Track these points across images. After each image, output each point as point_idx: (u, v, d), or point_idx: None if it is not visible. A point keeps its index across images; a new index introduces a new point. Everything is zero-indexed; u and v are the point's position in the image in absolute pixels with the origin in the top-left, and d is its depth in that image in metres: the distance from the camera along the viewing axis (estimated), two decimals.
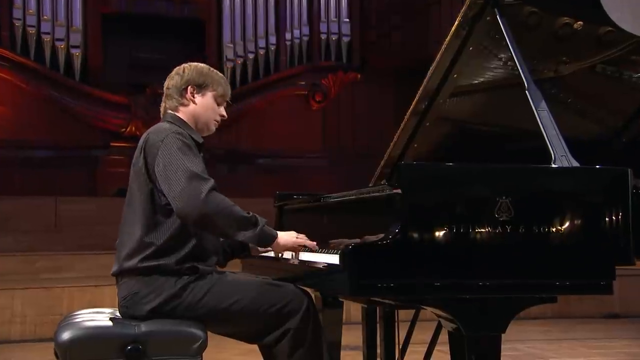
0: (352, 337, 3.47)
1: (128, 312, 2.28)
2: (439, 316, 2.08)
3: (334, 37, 10.24)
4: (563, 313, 6.62)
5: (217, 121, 2.52)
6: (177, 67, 2.52)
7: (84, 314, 2.38)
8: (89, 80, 9.46)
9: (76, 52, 9.33)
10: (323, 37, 10.23)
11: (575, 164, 2.15)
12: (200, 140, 2.43)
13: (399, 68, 9.95)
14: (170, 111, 2.47)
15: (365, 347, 3.13)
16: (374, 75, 10.27)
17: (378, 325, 3.06)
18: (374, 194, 2.24)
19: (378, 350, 3.10)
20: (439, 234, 1.94)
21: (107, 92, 9.43)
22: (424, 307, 2.04)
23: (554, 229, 2.00)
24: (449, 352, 2.20)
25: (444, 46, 2.60)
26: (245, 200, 8.41)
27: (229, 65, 9.78)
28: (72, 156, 9.07)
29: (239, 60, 9.88)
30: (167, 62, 10.63)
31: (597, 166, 2.12)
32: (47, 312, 5.78)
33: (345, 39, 10.28)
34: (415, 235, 1.93)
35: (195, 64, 2.52)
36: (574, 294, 2.07)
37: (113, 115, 9.41)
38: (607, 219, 2.06)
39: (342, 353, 3.08)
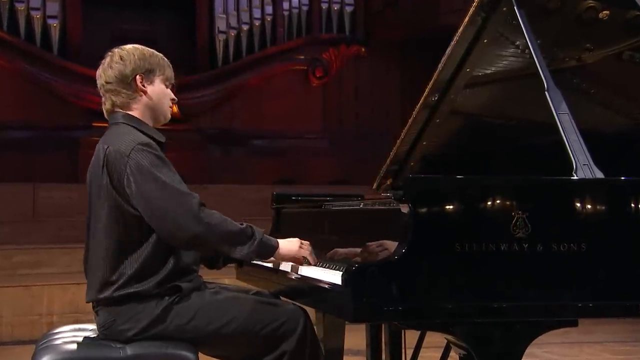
0: (355, 338, 3.47)
1: (108, 337, 2.28)
2: (449, 341, 2.09)
3: (336, 7, 10.14)
4: None
5: (171, 107, 2.45)
6: (108, 57, 2.38)
7: (64, 332, 2.39)
8: (68, 54, 9.38)
9: (54, 23, 9.24)
10: (324, 6, 10.13)
11: (599, 173, 2.13)
12: (163, 140, 2.37)
13: (407, 41, 9.88)
14: (119, 110, 2.37)
15: (368, 351, 3.14)
16: (379, 49, 10.19)
17: (383, 326, 3.07)
18: (380, 207, 2.23)
19: (383, 356, 3.12)
20: (450, 252, 1.93)
21: (88, 67, 9.35)
22: (433, 331, 2.04)
23: (575, 247, 1.98)
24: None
25: (456, 36, 2.58)
26: (242, 187, 8.47)
27: (221, 37, 9.71)
28: (50, 137, 9.01)
29: (232, 33, 9.79)
30: (153, 34, 10.54)
31: (623, 177, 2.10)
32: (26, 312, 5.80)
33: (348, 9, 10.19)
34: (424, 254, 1.92)
35: (130, 47, 2.40)
36: (598, 317, 2.06)
37: (95, 93, 9.27)
38: (634, 234, 2.05)
39: (344, 359, 3.10)
